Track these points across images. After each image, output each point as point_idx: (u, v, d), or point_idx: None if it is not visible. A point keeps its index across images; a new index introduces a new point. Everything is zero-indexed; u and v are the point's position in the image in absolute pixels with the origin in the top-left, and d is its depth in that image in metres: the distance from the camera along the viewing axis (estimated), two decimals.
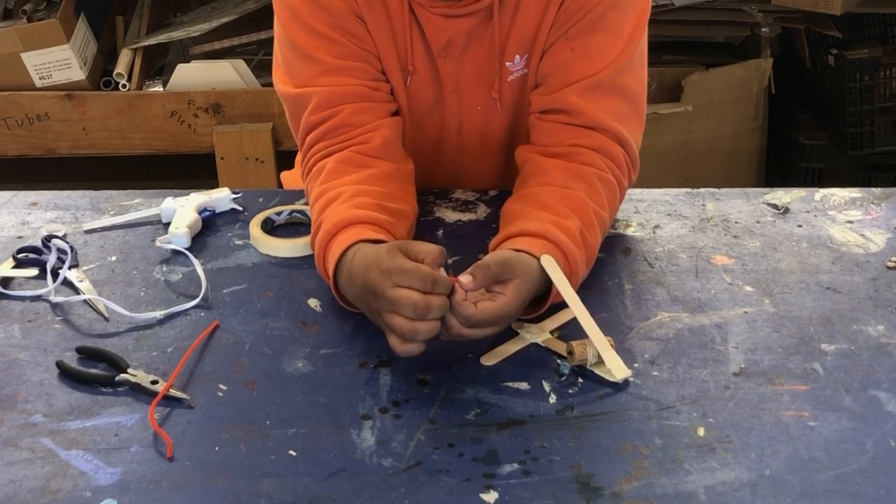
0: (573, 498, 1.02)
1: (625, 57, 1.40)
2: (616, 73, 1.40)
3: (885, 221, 1.47)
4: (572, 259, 1.26)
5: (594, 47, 1.40)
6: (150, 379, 1.17)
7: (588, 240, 1.30)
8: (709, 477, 1.05)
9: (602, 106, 1.39)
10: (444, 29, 1.42)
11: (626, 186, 1.43)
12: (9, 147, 2.82)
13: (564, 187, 1.34)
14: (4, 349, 1.23)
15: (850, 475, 1.05)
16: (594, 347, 1.18)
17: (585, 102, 1.39)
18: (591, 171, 1.37)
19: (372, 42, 1.43)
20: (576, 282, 1.27)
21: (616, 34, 1.40)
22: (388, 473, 1.05)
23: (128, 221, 1.47)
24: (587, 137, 1.39)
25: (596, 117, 1.39)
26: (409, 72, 1.45)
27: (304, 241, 1.40)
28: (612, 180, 1.38)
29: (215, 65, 2.83)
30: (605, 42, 1.40)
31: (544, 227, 1.27)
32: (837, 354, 1.22)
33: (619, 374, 1.17)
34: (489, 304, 1.17)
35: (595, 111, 1.39)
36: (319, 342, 1.24)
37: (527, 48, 1.44)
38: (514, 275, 1.19)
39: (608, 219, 1.37)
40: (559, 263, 1.24)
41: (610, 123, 1.39)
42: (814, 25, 2.99)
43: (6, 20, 2.82)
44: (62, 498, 1.03)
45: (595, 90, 1.39)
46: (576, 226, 1.29)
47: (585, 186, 1.35)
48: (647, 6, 1.43)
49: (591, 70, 1.39)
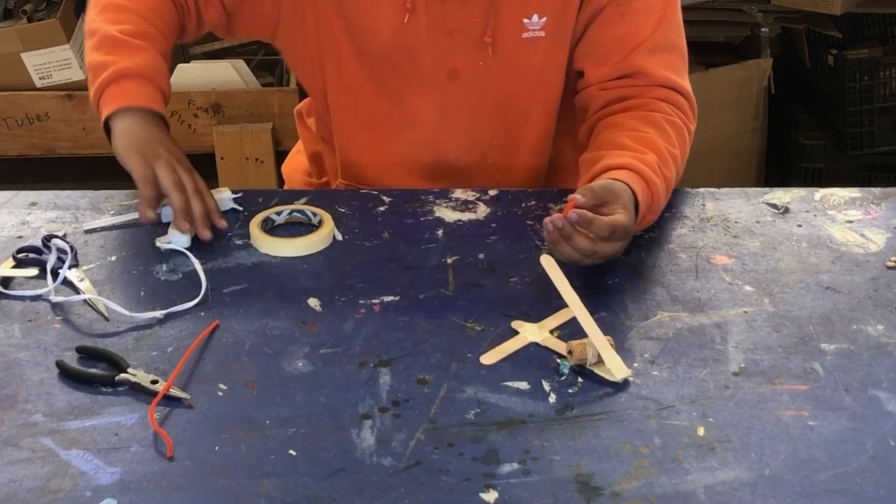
0: (573, 498, 1.02)
1: (670, 12, 1.50)
2: (667, 31, 1.51)
3: (884, 221, 1.47)
4: (654, 186, 1.36)
5: (641, 9, 1.49)
6: (150, 379, 1.17)
7: (665, 173, 1.40)
8: (708, 476, 1.05)
9: (663, 64, 1.50)
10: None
11: (692, 130, 1.52)
12: (9, 147, 2.82)
13: (636, 130, 1.43)
14: (4, 349, 1.23)
15: (849, 475, 1.05)
16: (594, 347, 1.18)
17: (649, 64, 1.49)
18: (659, 116, 1.47)
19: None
20: (657, 206, 1.39)
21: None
22: (388, 473, 1.05)
23: (126, 222, 1.47)
24: (652, 93, 1.49)
25: (660, 75, 1.49)
26: (408, 9, 1.47)
27: (305, 240, 1.40)
28: (679, 123, 1.48)
29: (215, 65, 2.83)
30: (648, 2, 1.49)
31: (625, 160, 1.37)
32: (837, 354, 1.22)
33: (618, 374, 1.17)
34: (613, 216, 1.28)
35: (658, 70, 1.50)
36: (319, 342, 1.24)
37: (547, 11, 1.49)
38: (616, 196, 1.31)
39: (680, 158, 1.46)
40: (643, 190, 1.34)
41: (671, 78, 1.51)
42: (814, 25, 2.99)
43: (6, 20, 2.82)
44: (62, 498, 1.03)
45: (654, 51, 1.49)
46: (653, 159, 1.39)
47: (655, 129, 1.45)
48: None
49: (644, 32, 1.49)
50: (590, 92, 1.52)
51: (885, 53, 3.00)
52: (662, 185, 1.38)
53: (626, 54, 1.49)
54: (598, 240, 1.28)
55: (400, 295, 1.32)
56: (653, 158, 1.39)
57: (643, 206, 1.35)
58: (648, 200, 1.36)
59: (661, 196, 1.39)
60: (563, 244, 1.28)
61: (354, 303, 1.30)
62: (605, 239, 1.28)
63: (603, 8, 1.48)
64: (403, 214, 1.48)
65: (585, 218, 1.26)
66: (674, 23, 1.52)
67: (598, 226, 1.27)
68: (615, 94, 1.50)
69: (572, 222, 1.26)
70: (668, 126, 1.46)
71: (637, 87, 1.49)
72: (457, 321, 1.27)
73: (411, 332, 1.25)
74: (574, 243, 1.28)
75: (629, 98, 1.49)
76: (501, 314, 1.28)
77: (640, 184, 1.35)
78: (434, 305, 1.30)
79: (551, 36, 1.50)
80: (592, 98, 1.52)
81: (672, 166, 1.42)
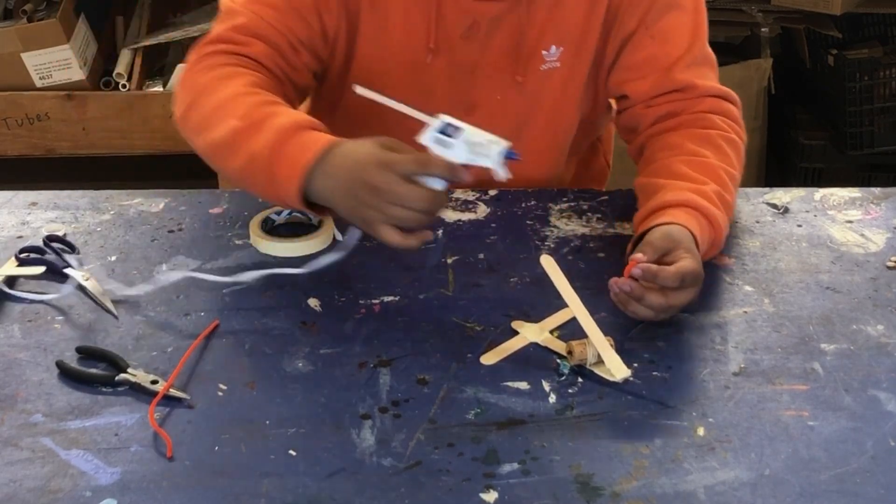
0: (573, 498, 1.02)
1: (701, 29, 1.49)
2: (703, 46, 1.50)
3: (884, 221, 1.47)
4: (715, 221, 1.32)
5: (669, 28, 1.48)
6: (150, 379, 1.16)
7: (726, 199, 1.36)
8: (708, 477, 1.05)
9: (704, 75, 1.49)
10: (469, 11, 1.44)
11: (745, 138, 1.49)
12: (9, 147, 2.82)
13: (694, 155, 1.40)
14: (4, 349, 1.23)
15: (849, 475, 1.05)
16: (594, 347, 1.18)
17: (694, 77, 1.48)
18: (715, 134, 1.44)
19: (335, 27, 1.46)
20: (720, 240, 1.33)
21: (682, 10, 1.49)
22: (388, 473, 1.05)
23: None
24: (703, 104, 1.47)
25: (707, 86, 1.48)
26: (431, 50, 1.46)
27: (305, 241, 1.40)
28: (735, 139, 1.45)
29: None
30: (676, 20, 1.48)
31: (685, 196, 1.32)
32: (837, 354, 1.22)
33: (618, 374, 1.17)
34: (679, 263, 1.22)
35: (703, 81, 1.48)
36: (319, 342, 1.24)
37: (565, 41, 1.48)
38: (677, 243, 1.25)
39: (738, 176, 1.43)
40: (703, 228, 1.29)
41: (717, 86, 1.50)
42: (814, 25, 2.99)
43: (6, 20, 2.82)
44: (62, 498, 1.03)
45: (693, 65, 1.48)
46: (713, 189, 1.35)
47: (713, 150, 1.41)
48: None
49: (678, 49, 1.48)
50: (636, 111, 1.51)
51: (885, 53, 3.00)
52: (723, 216, 1.34)
53: (665, 71, 1.47)
54: (669, 292, 1.21)
55: (400, 295, 1.32)
56: (712, 189, 1.34)
57: (704, 245, 1.29)
58: (710, 237, 1.31)
59: (723, 227, 1.33)
60: (635, 304, 1.22)
61: (354, 303, 1.30)
62: (676, 289, 1.21)
63: (632, 34, 1.47)
64: None
65: (650, 271, 1.20)
66: (706, 35, 1.51)
67: (665, 277, 1.20)
68: (664, 109, 1.48)
69: (637, 279, 1.21)
70: (726, 144, 1.43)
71: (685, 100, 1.47)
72: (457, 321, 1.27)
73: (411, 332, 1.25)
74: (647, 302, 1.21)
75: (679, 113, 1.47)
76: (501, 314, 1.28)
77: (700, 222, 1.30)
78: (434, 305, 1.30)
79: (568, 66, 1.50)
80: (640, 116, 1.50)
81: (733, 189, 1.39)
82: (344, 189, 1.21)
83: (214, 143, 1.34)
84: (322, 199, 1.24)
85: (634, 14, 1.46)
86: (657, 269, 1.21)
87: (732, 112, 1.48)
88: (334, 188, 1.22)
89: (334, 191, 1.22)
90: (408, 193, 1.17)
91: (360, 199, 1.19)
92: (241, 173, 1.31)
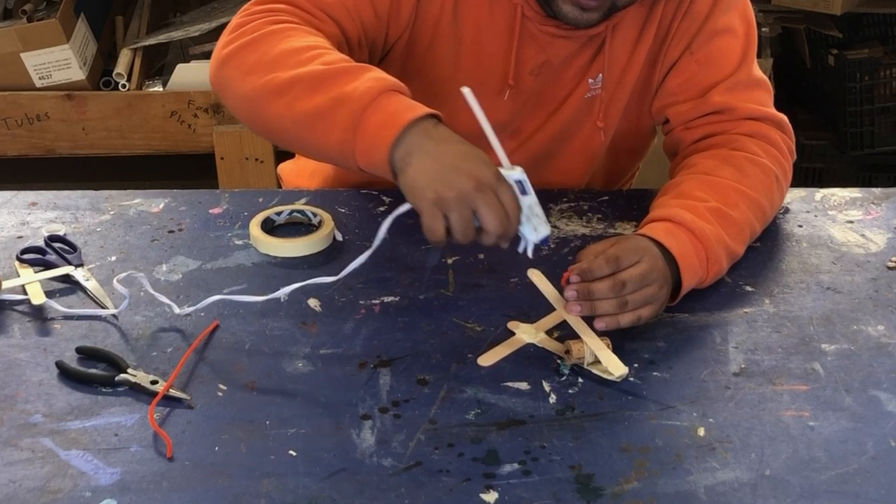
0: (573, 498, 1.02)
1: (750, 54, 1.47)
2: (750, 70, 1.46)
3: (885, 221, 1.47)
4: (701, 234, 1.27)
5: (716, 53, 1.46)
6: (150, 379, 1.16)
7: (728, 214, 1.31)
8: (709, 477, 1.05)
9: (748, 98, 1.45)
10: (545, 48, 1.43)
11: (789, 167, 1.45)
12: (9, 147, 2.82)
13: (708, 174, 1.37)
14: (4, 349, 1.23)
15: (850, 475, 1.05)
16: (590, 346, 1.18)
17: (733, 99, 1.44)
18: (742, 156, 1.40)
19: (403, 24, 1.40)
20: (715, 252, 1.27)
21: (732, 34, 1.46)
22: (388, 473, 1.05)
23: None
24: (742, 127, 1.44)
25: (747, 108, 1.45)
26: (510, 86, 1.45)
27: (304, 241, 1.40)
28: (764, 163, 1.40)
29: None
30: (726, 45, 1.46)
31: (670, 212, 1.29)
32: (837, 354, 1.22)
33: (616, 372, 1.17)
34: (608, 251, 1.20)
35: (744, 104, 1.44)
36: (319, 342, 1.24)
37: (611, 69, 1.47)
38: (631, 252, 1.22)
39: (764, 202, 1.37)
40: (681, 241, 1.25)
41: (758, 109, 1.45)
42: (814, 25, 2.99)
43: (6, 20, 2.82)
44: (62, 498, 1.03)
45: (735, 88, 1.45)
46: (709, 206, 1.31)
47: (732, 170, 1.37)
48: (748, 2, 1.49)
49: (724, 73, 1.45)
50: (676, 133, 1.50)
51: (886, 53, 3.00)
52: (715, 229, 1.28)
53: (704, 93, 1.45)
54: (617, 286, 1.19)
55: (400, 295, 1.31)
56: (709, 206, 1.31)
57: (687, 259, 1.25)
58: (695, 249, 1.26)
59: (712, 239, 1.27)
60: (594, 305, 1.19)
61: (354, 303, 1.30)
62: (622, 284, 1.19)
63: (677, 60, 1.47)
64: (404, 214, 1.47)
65: (582, 273, 1.19)
66: (755, 61, 1.48)
67: (594, 268, 1.19)
68: (701, 132, 1.46)
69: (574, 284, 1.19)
70: (751, 165, 1.38)
71: (723, 122, 1.45)
72: (457, 322, 1.27)
73: (411, 332, 1.25)
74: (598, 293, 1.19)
75: (716, 135, 1.45)
76: (501, 315, 1.27)
77: (679, 236, 1.26)
78: (434, 306, 1.30)
79: (609, 92, 1.49)
80: (679, 140, 1.49)
81: (744, 207, 1.33)
82: (438, 162, 1.13)
83: (276, 83, 1.23)
84: (405, 158, 1.14)
85: (682, 40, 1.45)
86: (585, 266, 1.20)
87: (771, 136, 1.44)
88: (431, 152, 1.13)
89: (428, 155, 1.13)
90: (497, 200, 1.12)
91: (447, 180, 1.11)
92: (306, 115, 1.20)
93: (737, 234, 1.32)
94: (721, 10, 1.45)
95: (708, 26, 1.45)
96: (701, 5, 1.45)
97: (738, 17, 1.47)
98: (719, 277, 1.32)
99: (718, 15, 1.45)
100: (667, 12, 1.45)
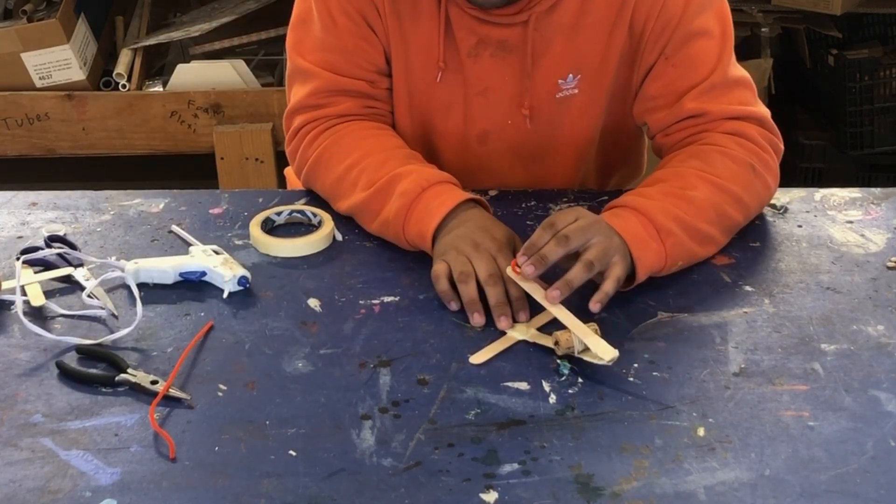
0: (573, 498, 1.02)
1: (726, 55, 1.46)
2: (726, 71, 1.45)
3: (885, 221, 1.47)
4: (643, 208, 1.31)
5: (694, 56, 1.45)
6: (150, 379, 1.16)
7: (689, 195, 1.34)
8: (709, 477, 1.05)
9: (725, 99, 1.45)
10: (475, 30, 1.44)
11: (771, 160, 1.45)
12: (9, 147, 2.82)
13: (672, 167, 1.40)
14: (4, 349, 1.23)
15: (850, 475, 1.05)
16: (578, 335, 1.18)
17: (707, 103, 1.44)
18: (709, 149, 1.41)
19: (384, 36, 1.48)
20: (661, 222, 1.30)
21: (709, 36, 1.45)
22: (388, 473, 1.05)
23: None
24: (721, 127, 1.44)
25: (723, 110, 1.44)
26: (440, 68, 1.47)
27: (304, 241, 1.40)
28: (738, 155, 1.41)
29: (215, 65, 2.82)
30: (701, 48, 1.45)
31: (616, 202, 1.35)
32: (837, 354, 1.22)
33: (606, 356, 1.17)
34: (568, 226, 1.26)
35: (719, 106, 1.44)
36: (319, 342, 1.24)
37: (583, 69, 1.48)
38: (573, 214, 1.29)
39: (736, 189, 1.38)
40: (627, 216, 1.30)
41: (740, 109, 1.45)
42: (814, 25, 2.99)
43: (6, 20, 2.82)
44: (62, 498, 1.03)
45: (710, 91, 1.45)
46: (659, 189, 1.35)
47: (697, 161, 1.40)
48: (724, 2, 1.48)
49: (699, 77, 1.45)
50: (657, 141, 1.51)
51: (885, 53, 3.00)
52: (662, 205, 1.32)
53: (678, 98, 1.45)
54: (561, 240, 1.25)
55: (400, 295, 1.32)
56: (663, 187, 1.35)
57: (631, 231, 1.28)
58: (636, 224, 1.29)
59: (661, 216, 1.31)
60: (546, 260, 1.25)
61: (354, 303, 1.30)
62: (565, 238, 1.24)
63: (653, 64, 1.46)
64: None
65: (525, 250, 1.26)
66: (732, 63, 1.47)
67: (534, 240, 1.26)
68: (679, 136, 1.47)
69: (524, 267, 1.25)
70: (721, 157, 1.39)
71: (700, 125, 1.45)
72: (457, 321, 1.27)
73: (411, 332, 1.25)
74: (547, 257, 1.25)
75: (694, 136, 1.45)
76: None
77: (620, 214, 1.31)
78: (434, 305, 1.30)
79: (586, 92, 1.49)
80: (661, 146, 1.50)
81: (706, 190, 1.35)
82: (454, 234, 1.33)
83: (349, 210, 1.45)
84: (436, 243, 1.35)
85: (657, 44, 1.45)
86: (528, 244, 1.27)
87: (747, 132, 1.44)
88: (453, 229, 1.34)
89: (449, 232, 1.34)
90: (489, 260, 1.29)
91: (455, 244, 1.31)
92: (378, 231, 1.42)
93: (697, 213, 1.34)
94: (694, 12, 1.43)
95: (682, 30, 1.44)
96: (673, 7, 1.43)
97: (713, 17, 1.45)
98: (694, 255, 1.34)
99: (692, 17, 1.43)
100: (639, 15, 1.44)
